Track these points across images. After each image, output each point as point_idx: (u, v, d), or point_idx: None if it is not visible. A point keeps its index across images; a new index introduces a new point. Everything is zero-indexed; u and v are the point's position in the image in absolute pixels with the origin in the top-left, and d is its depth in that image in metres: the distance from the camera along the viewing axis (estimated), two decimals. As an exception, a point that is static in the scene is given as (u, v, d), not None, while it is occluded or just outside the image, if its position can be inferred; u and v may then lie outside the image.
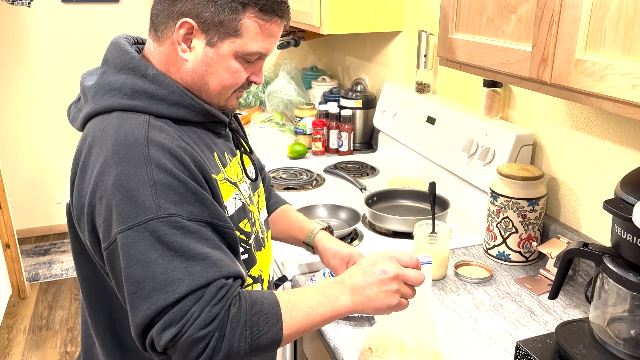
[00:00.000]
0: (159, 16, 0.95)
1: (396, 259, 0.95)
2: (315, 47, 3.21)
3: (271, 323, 0.86)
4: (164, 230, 0.82)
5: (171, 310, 0.81)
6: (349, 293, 0.92)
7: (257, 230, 1.08)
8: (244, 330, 0.84)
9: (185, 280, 0.81)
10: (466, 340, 1.12)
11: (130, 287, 0.82)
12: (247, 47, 0.94)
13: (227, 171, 1.01)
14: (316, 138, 2.33)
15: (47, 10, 3.33)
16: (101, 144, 0.87)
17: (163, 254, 0.82)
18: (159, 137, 0.87)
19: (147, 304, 0.81)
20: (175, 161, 0.86)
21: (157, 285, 0.81)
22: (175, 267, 0.82)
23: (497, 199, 1.41)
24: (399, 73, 2.31)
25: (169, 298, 0.81)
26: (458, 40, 1.24)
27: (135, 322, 0.82)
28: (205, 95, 0.97)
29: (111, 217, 0.83)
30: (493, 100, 1.65)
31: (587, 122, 1.36)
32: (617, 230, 0.91)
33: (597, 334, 0.98)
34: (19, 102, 3.45)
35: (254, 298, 0.87)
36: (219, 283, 0.84)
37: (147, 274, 0.81)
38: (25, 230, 3.68)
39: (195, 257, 0.83)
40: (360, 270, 0.94)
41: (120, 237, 0.82)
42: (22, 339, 2.75)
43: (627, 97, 0.82)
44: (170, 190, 0.84)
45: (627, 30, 0.82)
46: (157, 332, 0.81)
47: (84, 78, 0.99)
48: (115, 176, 0.83)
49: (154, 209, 0.82)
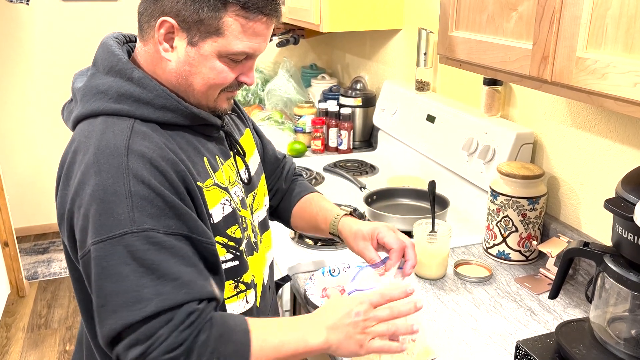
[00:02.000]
0: (142, 15, 0.93)
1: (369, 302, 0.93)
2: (314, 45, 3.21)
3: (239, 353, 0.85)
4: (137, 246, 0.81)
5: (139, 330, 0.80)
6: (323, 330, 0.90)
7: (248, 234, 1.06)
8: (211, 359, 0.82)
9: (154, 300, 0.80)
10: (466, 340, 1.12)
11: (99, 299, 0.82)
12: (230, 47, 0.90)
13: (218, 176, 0.98)
14: (315, 136, 2.33)
15: (45, 8, 3.32)
16: (84, 150, 0.87)
17: (135, 270, 0.81)
18: (141, 145, 0.86)
19: (114, 318, 0.81)
20: (156, 172, 0.84)
21: (126, 302, 0.80)
22: (145, 285, 0.81)
23: (497, 197, 1.40)
24: (398, 71, 2.30)
25: (136, 316, 0.80)
26: (458, 38, 1.23)
27: (102, 334, 0.82)
28: (191, 96, 0.95)
29: (87, 227, 0.83)
30: (493, 99, 1.64)
31: (588, 121, 1.35)
32: (618, 229, 0.91)
33: (598, 333, 0.97)
34: (17, 100, 3.44)
35: (225, 325, 0.86)
36: (189, 307, 0.82)
37: (117, 288, 0.81)
38: (24, 229, 3.68)
39: (165, 277, 0.82)
40: (335, 310, 0.92)
41: (93, 249, 0.82)
42: (21, 337, 2.75)
43: (628, 95, 0.82)
44: (147, 203, 0.82)
45: (629, 28, 0.81)
46: (123, 349, 0.81)
47: (74, 79, 0.98)
48: (93, 186, 0.83)
49: (128, 223, 0.81)
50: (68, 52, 3.41)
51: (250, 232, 1.07)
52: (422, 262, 1.34)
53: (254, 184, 1.13)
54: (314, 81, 2.83)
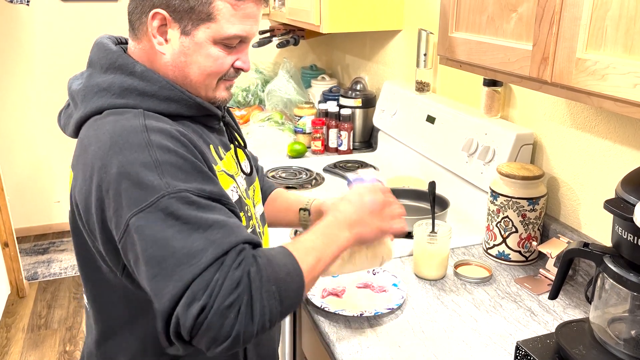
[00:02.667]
0: (133, 14, 0.93)
1: (379, 190, 1.04)
2: (314, 46, 3.21)
3: (293, 274, 0.84)
4: (176, 206, 0.79)
5: (193, 283, 0.76)
6: (347, 228, 0.96)
7: (253, 224, 1.07)
8: (269, 287, 0.80)
9: (209, 249, 0.78)
10: (466, 340, 1.12)
11: (151, 269, 0.78)
12: (223, 31, 0.91)
13: (224, 164, 1.00)
14: (315, 137, 2.33)
15: (46, 8, 3.33)
16: (97, 140, 0.86)
17: (180, 229, 0.78)
18: (157, 124, 0.86)
19: (172, 282, 0.76)
20: (178, 142, 0.85)
21: (179, 261, 0.77)
22: (195, 239, 0.78)
23: (497, 198, 1.41)
24: (398, 72, 2.30)
25: (195, 270, 0.76)
26: (458, 39, 1.23)
27: (163, 308, 0.77)
28: (190, 88, 0.95)
29: (121, 205, 0.81)
30: (493, 100, 1.64)
31: (588, 122, 1.35)
32: (618, 230, 0.91)
33: (598, 334, 0.97)
34: (17, 100, 3.44)
35: (268, 254, 0.84)
36: (238, 248, 0.81)
37: (167, 251, 0.77)
38: (24, 229, 3.68)
39: (213, 226, 0.80)
40: (351, 205, 0.99)
41: (132, 222, 0.79)
42: (21, 337, 2.75)
43: (628, 97, 0.82)
44: (176, 169, 0.82)
45: (629, 29, 0.81)
46: (183, 311, 0.75)
47: (70, 82, 0.97)
48: (118, 164, 0.81)
49: (163, 187, 0.80)
50: (68, 53, 3.41)
51: (255, 222, 1.08)
52: (422, 263, 1.34)
53: (254, 176, 1.14)
54: (314, 82, 2.83)
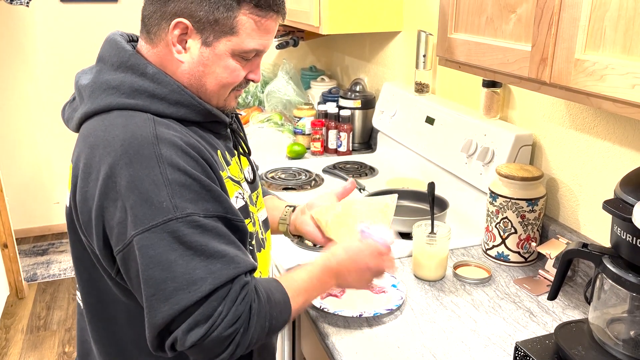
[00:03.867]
0: (151, 18, 0.93)
1: (378, 253, 1.06)
2: (314, 47, 3.21)
3: (284, 312, 0.92)
4: (183, 231, 0.82)
5: (197, 311, 0.81)
6: (335, 278, 1.03)
7: (257, 230, 1.07)
8: (264, 322, 0.88)
9: (208, 279, 0.82)
10: (465, 341, 1.12)
11: (149, 289, 0.82)
12: (243, 45, 0.92)
13: (230, 169, 1.00)
14: (315, 138, 2.33)
15: (45, 9, 3.33)
16: (105, 144, 0.85)
17: (183, 254, 0.82)
18: (168, 134, 0.86)
19: (168, 304, 0.81)
20: (187, 158, 0.86)
21: (180, 286, 0.81)
22: (196, 267, 0.82)
23: (496, 199, 1.41)
24: (398, 73, 2.30)
25: (192, 297, 0.81)
26: (457, 40, 1.24)
27: (154, 324, 0.82)
28: (203, 96, 0.96)
29: (126, 219, 0.82)
30: (492, 101, 1.65)
31: (587, 122, 1.35)
32: (617, 230, 0.91)
33: (597, 335, 0.97)
34: (17, 102, 3.44)
35: (267, 290, 0.91)
36: (241, 281, 0.86)
37: (168, 275, 0.81)
38: (24, 230, 3.67)
39: (214, 255, 0.83)
40: (347, 259, 1.04)
41: (137, 240, 0.81)
42: (20, 339, 2.74)
43: (627, 97, 0.82)
44: (185, 189, 0.83)
45: (627, 30, 0.81)
46: (183, 333, 0.82)
47: (78, 77, 0.97)
48: (128, 177, 0.82)
49: (171, 210, 0.82)
50: (68, 54, 3.41)
51: (258, 229, 1.09)
52: (421, 263, 1.34)
53: (257, 183, 1.15)
54: (314, 83, 2.83)
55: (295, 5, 2.35)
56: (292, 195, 1.87)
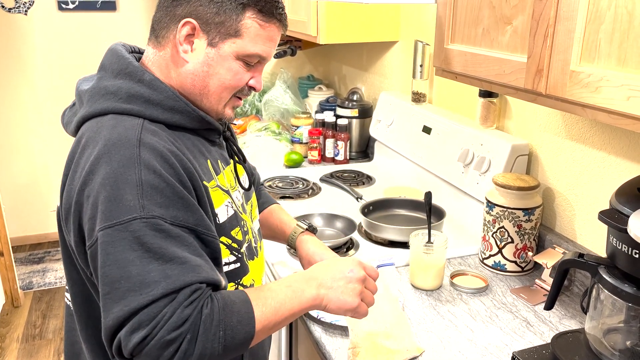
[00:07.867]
0: (160, 22, 0.97)
1: (362, 266, 0.98)
2: (311, 57, 3.22)
3: (244, 322, 0.85)
4: (144, 232, 0.81)
5: (142, 312, 0.78)
6: (315, 286, 0.93)
7: (249, 239, 1.07)
8: (217, 331, 0.82)
9: (161, 283, 0.79)
10: (462, 351, 1.12)
11: (104, 287, 0.80)
12: (247, 48, 0.95)
13: (220, 179, 1.01)
14: (312, 147, 2.34)
15: (44, 18, 3.34)
16: (94, 144, 0.87)
17: (141, 255, 0.80)
18: (152, 139, 0.87)
19: (120, 305, 0.79)
20: (165, 164, 0.86)
21: (132, 287, 0.79)
22: (152, 269, 0.80)
23: (493, 208, 1.41)
24: (395, 83, 2.31)
25: (143, 300, 0.78)
26: (454, 50, 1.24)
27: (106, 325, 0.80)
28: (205, 98, 0.98)
29: (96, 215, 0.83)
30: (489, 111, 1.65)
31: (582, 133, 1.36)
32: (613, 241, 0.91)
33: (593, 344, 0.97)
34: (14, 109, 3.44)
35: (226, 298, 0.86)
36: (193, 287, 0.82)
37: (123, 274, 0.79)
38: (20, 238, 3.66)
39: (173, 260, 0.81)
40: (327, 267, 0.97)
41: (100, 235, 0.81)
42: (15, 347, 2.73)
43: (621, 109, 0.82)
44: (156, 193, 0.83)
45: (622, 42, 0.82)
46: (126, 335, 0.78)
47: (79, 83, 1.00)
48: (103, 175, 0.83)
49: (138, 209, 0.81)
50: (66, 62, 3.42)
51: (251, 237, 1.09)
52: (418, 273, 1.34)
53: (252, 191, 1.15)
54: (311, 92, 2.84)
55: (293, 14, 2.36)
56: (289, 204, 1.87)
